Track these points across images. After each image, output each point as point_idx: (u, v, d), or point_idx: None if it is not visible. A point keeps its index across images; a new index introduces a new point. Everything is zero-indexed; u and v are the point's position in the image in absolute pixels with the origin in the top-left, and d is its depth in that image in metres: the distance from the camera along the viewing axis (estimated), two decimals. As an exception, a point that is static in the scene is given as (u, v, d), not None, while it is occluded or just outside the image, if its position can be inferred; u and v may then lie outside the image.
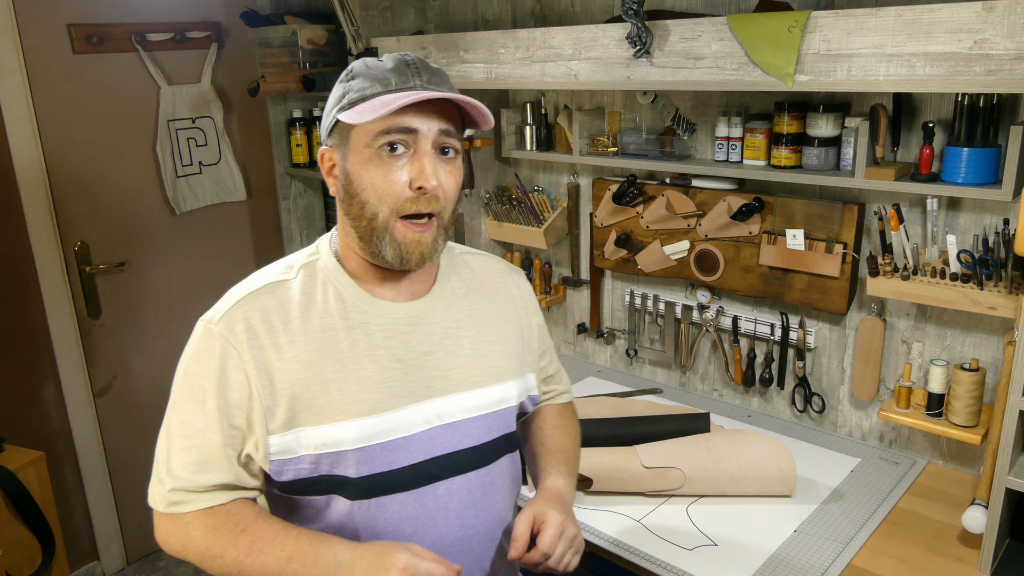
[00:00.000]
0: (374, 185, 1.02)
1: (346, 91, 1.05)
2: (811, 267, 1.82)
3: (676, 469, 1.63)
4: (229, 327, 1.04)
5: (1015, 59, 1.27)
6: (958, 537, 1.52)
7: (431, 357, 1.12)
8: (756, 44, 1.55)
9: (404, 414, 1.08)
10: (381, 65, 1.05)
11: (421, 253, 1.05)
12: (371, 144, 1.02)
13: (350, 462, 1.05)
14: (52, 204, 2.54)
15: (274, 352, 1.04)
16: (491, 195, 2.45)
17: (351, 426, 1.05)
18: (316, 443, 1.05)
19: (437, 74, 1.06)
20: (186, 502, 1.03)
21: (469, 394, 1.14)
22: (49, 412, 2.65)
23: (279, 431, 1.04)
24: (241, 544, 1.00)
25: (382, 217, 1.03)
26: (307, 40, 2.50)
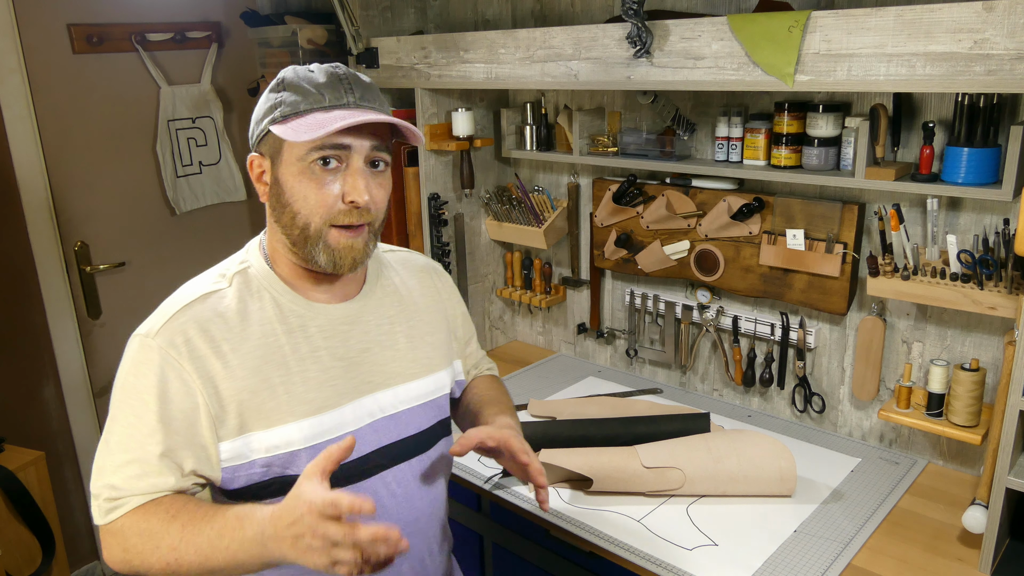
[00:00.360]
0: (306, 197, 1.05)
1: (278, 102, 1.06)
2: (811, 267, 1.82)
3: (676, 469, 1.63)
4: (168, 340, 1.04)
5: (1015, 59, 1.27)
6: (958, 537, 1.52)
7: (369, 354, 1.17)
8: (756, 44, 1.55)
9: (349, 410, 1.13)
10: (312, 78, 1.06)
11: (353, 258, 1.09)
12: (304, 158, 1.04)
13: (302, 460, 1.08)
14: (52, 204, 2.54)
15: (218, 361, 1.05)
16: (491, 195, 2.45)
17: (301, 426, 1.09)
18: (268, 445, 1.07)
19: (369, 89, 1.09)
20: (119, 506, 1.02)
21: (407, 385, 1.21)
22: (49, 412, 2.65)
23: (229, 437, 1.06)
24: (173, 531, 0.99)
25: (315, 227, 1.06)
26: (307, 40, 2.50)
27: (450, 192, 2.38)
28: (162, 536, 0.99)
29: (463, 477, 1.78)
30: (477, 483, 1.76)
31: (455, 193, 2.40)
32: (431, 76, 2.18)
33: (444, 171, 2.36)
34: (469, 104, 2.33)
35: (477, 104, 2.35)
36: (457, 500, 1.89)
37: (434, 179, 2.33)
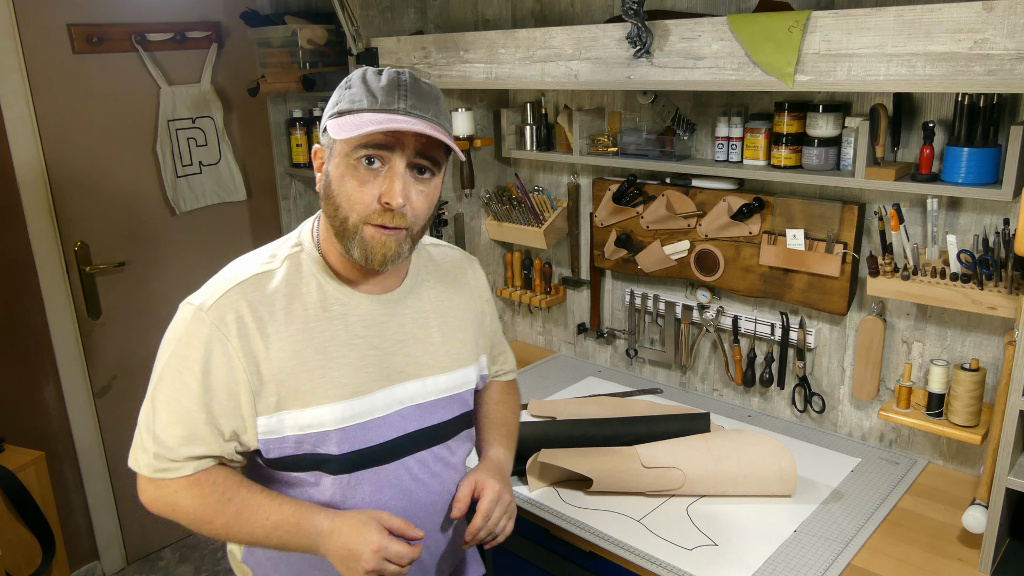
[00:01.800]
0: (348, 193, 1.10)
1: (340, 99, 1.13)
2: (811, 267, 1.82)
3: (676, 469, 1.63)
4: (219, 316, 1.11)
5: (1015, 59, 1.27)
6: (958, 537, 1.52)
7: (403, 345, 1.23)
8: (756, 44, 1.55)
9: (380, 396, 1.20)
10: (376, 80, 1.12)
11: (384, 255, 1.12)
12: (350, 155, 1.09)
13: (332, 441, 1.16)
14: (52, 204, 2.54)
15: (262, 341, 1.12)
16: (491, 195, 2.45)
17: (333, 408, 1.15)
18: (301, 424, 1.14)
19: (424, 98, 1.12)
20: (172, 469, 1.11)
21: (436, 378, 1.27)
22: (49, 412, 2.65)
23: (266, 413, 1.13)
24: (228, 512, 1.10)
25: (352, 221, 1.11)
26: (307, 40, 2.50)
27: (450, 192, 2.38)
28: (216, 515, 1.11)
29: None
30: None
31: (455, 193, 2.40)
32: (431, 76, 2.18)
33: (444, 171, 2.35)
34: (469, 104, 2.33)
35: (477, 104, 2.35)
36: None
37: (434, 179, 2.33)
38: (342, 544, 1.09)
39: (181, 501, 1.11)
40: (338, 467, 1.17)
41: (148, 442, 1.12)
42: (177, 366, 1.11)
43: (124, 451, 3.11)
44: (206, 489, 1.11)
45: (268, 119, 2.90)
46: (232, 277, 1.15)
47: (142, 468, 1.13)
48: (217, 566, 2.97)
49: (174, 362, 1.11)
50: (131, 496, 3.02)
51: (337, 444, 1.16)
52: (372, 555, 1.07)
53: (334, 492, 1.18)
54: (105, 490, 2.83)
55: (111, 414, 2.80)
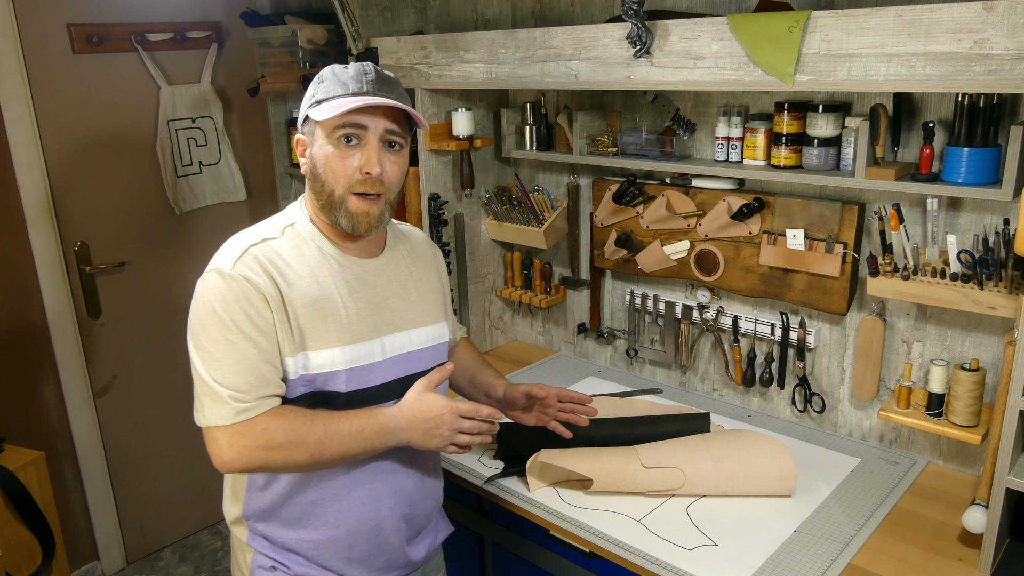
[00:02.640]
0: (332, 168, 1.29)
1: (316, 91, 1.31)
2: (811, 267, 1.82)
3: (676, 469, 1.63)
4: (249, 268, 1.25)
5: (1015, 59, 1.27)
6: (958, 537, 1.52)
7: (389, 301, 1.41)
8: (756, 44, 1.55)
9: (376, 343, 1.36)
10: (345, 72, 1.31)
11: (368, 223, 1.32)
12: (331, 135, 1.28)
13: (341, 379, 1.31)
14: (52, 204, 2.54)
15: (285, 288, 1.27)
16: (491, 195, 2.45)
17: (343, 351, 1.31)
18: (317, 364, 1.29)
19: (387, 83, 1.32)
20: (254, 408, 1.22)
21: (418, 330, 1.44)
22: (49, 412, 2.65)
23: (291, 354, 1.27)
24: (317, 428, 1.24)
25: (338, 193, 1.29)
26: (307, 40, 2.50)
27: (450, 192, 2.38)
28: (307, 433, 1.23)
29: (463, 477, 1.78)
30: (477, 483, 1.76)
31: (455, 193, 2.40)
32: (431, 76, 2.18)
33: (444, 171, 2.36)
34: (469, 104, 2.33)
35: (477, 104, 2.36)
36: (457, 500, 1.89)
37: (434, 179, 2.33)
38: (419, 421, 1.30)
39: (274, 435, 1.21)
40: (343, 404, 1.31)
41: (221, 392, 1.21)
42: (222, 322, 1.21)
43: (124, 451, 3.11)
44: (288, 416, 1.24)
45: (268, 119, 2.90)
46: (243, 241, 1.29)
47: (223, 417, 1.21)
48: (217, 566, 2.97)
49: (216, 320, 1.22)
50: (131, 496, 3.03)
51: (345, 382, 1.31)
52: (449, 416, 1.30)
53: None
54: (105, 490, 2.83)
55: (111, 414, 2.80)
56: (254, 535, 1.42)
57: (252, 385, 1.22)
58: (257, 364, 1.23)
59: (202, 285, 1.25)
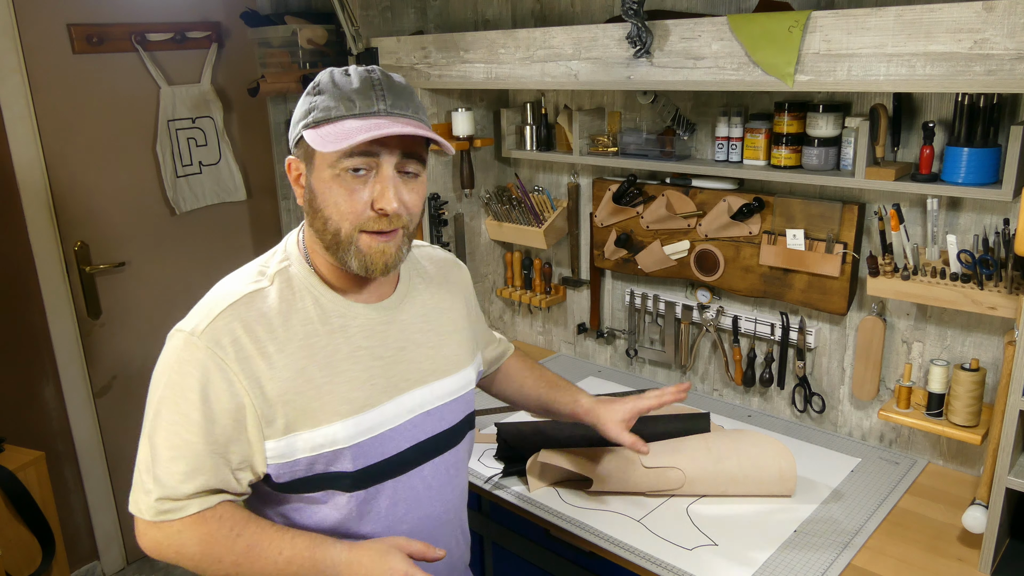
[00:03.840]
0: (337, 204, 1.06)
1: (312, 107, 1.07)
2: (811, 267, 1.82)
3: (676, 469, 1.63)
4: (214, 339, 1.05)
5: (1015, 59, 1.27)
6: (958, 537, 1.52)
7: (405, 352, 1.20)
8: (756, 44, 1.55)
9: (390, 407, 1.16)
10: (347, 82, 1.06)
11: (385, 263, 1.09)
12: (335, 165, 1.04)
13: (347, 458, 1.12)
14: (52, 204, 2.54)
15: (263, 362, 1.07)
16: (491, 195, 2.45)
17: (345, 424, 1.11)
18: (313, 444, 1.10)
19: (401, 95, 1.07)
20: (175, 510, 1.05)
21: (440, 382, 1.24)
22: (49, 412, 2.65)
23: (275, 436, 1.08)
24: (238, 549, 1.05)
25: (345, 232, 1.07)
26: (307, 40, 2.50)
27: (450, 192, 2.38)
28: (225, 552, 1.05)
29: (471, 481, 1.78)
30: (477, 483, 1.76)
31: (455, 193, 2.40)
32: (431, 76, 2.18)
33: (444, 171, 2.36)
34: (469, 104, 2.33)
35: (477, 104, 2.35)
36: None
37: (434, 179, 2.33)
38: (363, 572, 1.04)
39: (186, 542, 1.05)
40: (353, 484, 1.14)
41: (148, 483, 1.05)
42: (174, 398, 1.05)
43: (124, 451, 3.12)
44: (212, 526, 1.05)
45: (268, 119, 2.90)
46: (222, 298, 1.10)
47: (143, 512, 1.06)
48: (217, 566, 2.97)
49: (169, 394, 1.05)
50: (131, 496, 3.02)
51: (352, 460, 1.12)
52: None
53: (350, 510, 1.14)
54: (105, 490, 2.83)
55: (111, 414, 2.80)
56: None
57: (183, 480, 1.04)
58: (199, 457, 1.04)
59: (167, 344, 1.09)
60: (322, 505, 1.14)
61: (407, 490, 1.20)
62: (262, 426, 1.07)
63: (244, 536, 1.05)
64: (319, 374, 1.10)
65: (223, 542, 1.05)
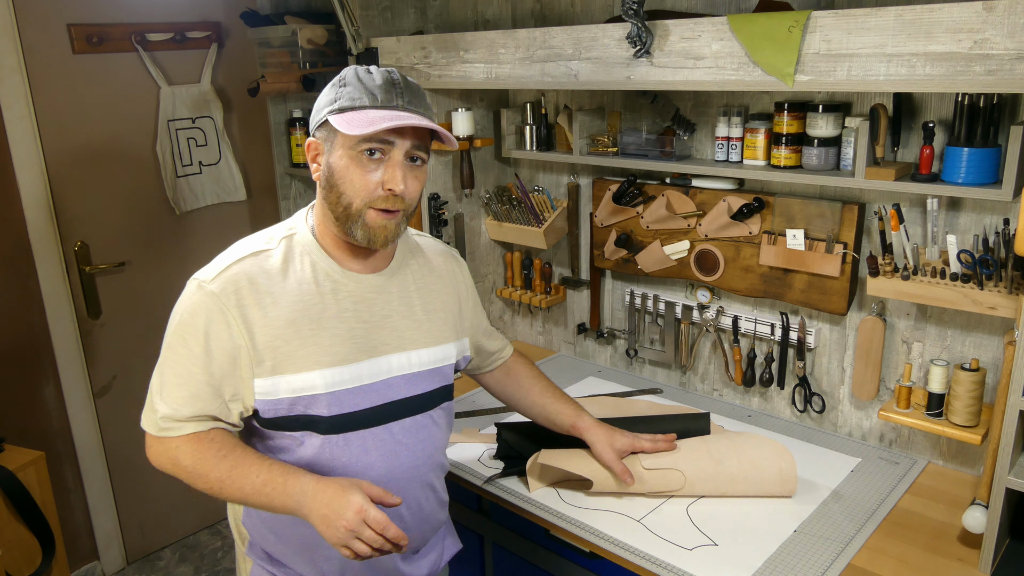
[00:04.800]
0: (352, 181, 1.23)
1: (338, 96, 1.23)
2: (811, 267, 1.82)
3: (676, 470, 1.63)
4: (222, 287, 1.23)
5: (1015, 59, 1.27)
6: (958, 537, 1.52)
7: (389, 320, 1.35)
8: (756, 44, 1.55)
9: (367, 365, 1.31)
10: (371, 79, 1.23)
11: (385, 236, 1.27)
12: (354, 147, 1.21)
13: (323, 403, 1.27)
14: (52, 204, 2.54)
15: (259, 311, 1.24)
16: (491, 195, 2.45)
17: (324, 374, 1.27)
18: (294, 387, 1.25)
19: (416, 94, 1.26)
20: (174, 428, 1.23)
21: (419, 352, 1.38)
22: (49, 412, 2.65)
23: (263, 376, 1.24)
24: (223, 467, 1.20)
25: (356, 207, 1.24)
26: (307, 40, 2.50)
27: (450, 192, 2.38)
28: (212, 469, 1.21)
29: (463, 477, 1.78)
30: (477, 483, 1.76)
31: (455, 193, 2.40)
32: (431, 76, 2.18)
33: (444, 171, 2.36)
34: (469, 104, 2.33)
35: (477, 104, 2.36)
36: (457, 500, 1.89)
37: (434, 179, 2.33)
38: (325, 503, 1.15)
39: (181, 456, 1.22)
40: (327, 428, 1.28)
41: (157, 403, 1.23)
42: (182, 335, 1.22)
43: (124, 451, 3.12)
44: (204, 446, 1.22)
45: (268, 119, 2.90)
46: (233, 255, 1.27)
47: (149, 427, 1.24)
48: (217, 566, 2.97)
49: (179, 332, 1.23)
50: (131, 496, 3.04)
51: (327, 406, 1.27)
52: (353, 515, 1.13)
53: (322, 450, 1.28)
54: (105, 490, 2.83)
55: (111, 414, 2.80)
56: (252, 546, 1.43)
57: (185, 405, 1.22)
58: (198, 386, 1.22)
59: (185, 291, 1.26)
60: (300, 444, 1.29)
61: (377, 441, 1.33)
62: (253, 365, 1.23)
63: (229, 458, 1.21)
64: (307, 326, 1.26)
65: (211, 460, 1.21)
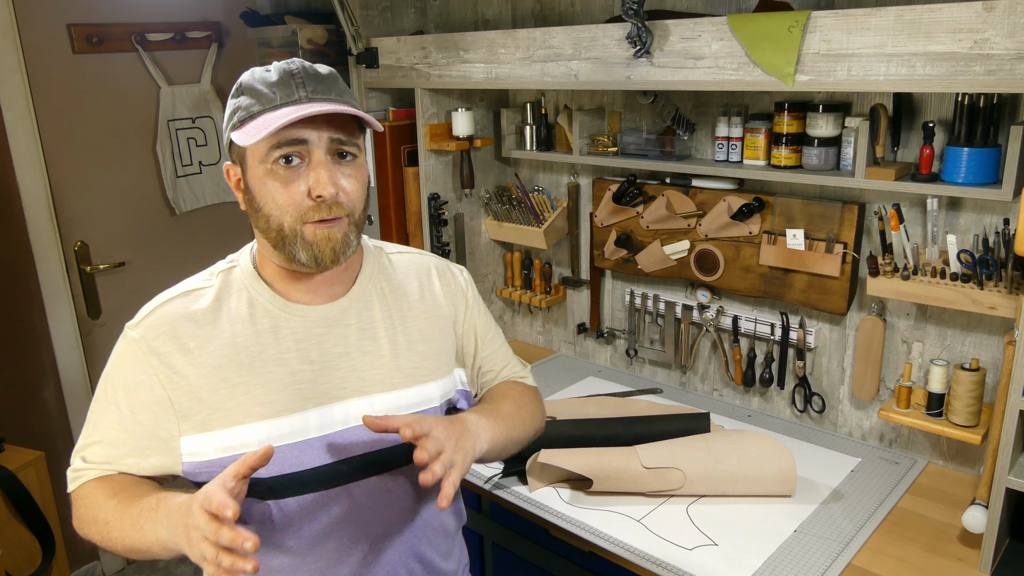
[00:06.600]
0: (274, 198, 1.04)
1: (236, 108, 1.06)
2: (811, 267, 1.82)
3: (676, 469, 1.63)
4: (142, 334, 1.09)
5: (1015, 59, 1.27)
6: (958, 537, 1.53)
7: (346, 359, 1.13)
8: (756, 44, 1.55)
9: (313, 415, 1.10)
10: (266, 78, 1.05)
11: (333, 249, 1.05)
12: (265, 160, 1.03)
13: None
14: (52, 204, 2.54)
15: (183, 357, 1.07)
16: (491, 195, 2.45)
17: (257, 428, 1.07)
18: (224, 445, 1.07)
19: (323, 81, 1.06)
20: (79, 478, 1.09)
21: (387, 395, 1.14)
22: (49, 412, 2.65)
23: (190, 433, 1.08)
24: (109, 507, 1.03)
25: (288, 225, 1.04)
26: (307, 40, 2.50)
27: (450, 192, 2.38)
28: (99, 510, 1.04)
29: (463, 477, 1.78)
30: (477, 483, 1.76)
31: (455, 193, 2.40)
32: (431, 76, 2.18)
33: (444, 171, 2.36)
34: (469, 104, 2.33)
35: (477, 104, 2.36)
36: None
37: (434, 179, 2.33)
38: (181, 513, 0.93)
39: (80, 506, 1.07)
40: (267, 491, 1.08)
41: (76, 463, 1.11)
42: (105, 387, 1.11)
43: (124, 451, 3.03)
44: (101, 484, 1.07)
45: (268, 119, 2.90)
46: (162, 295, 1.13)
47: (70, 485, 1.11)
48: (217, 566, 2.97)
49: (104, 383, 1.11)
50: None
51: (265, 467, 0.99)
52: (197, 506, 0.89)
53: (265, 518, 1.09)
54: (105, 490, 2.83)
55: (111, 414, 2.80)
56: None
57: (102, 456, 1.09)
58: (114, 440, 1.08)
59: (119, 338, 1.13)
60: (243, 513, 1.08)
61: (334, 506, 1.11)
62: (178, 421, 1.07)
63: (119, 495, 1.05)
64: (235, 373, 1.08)
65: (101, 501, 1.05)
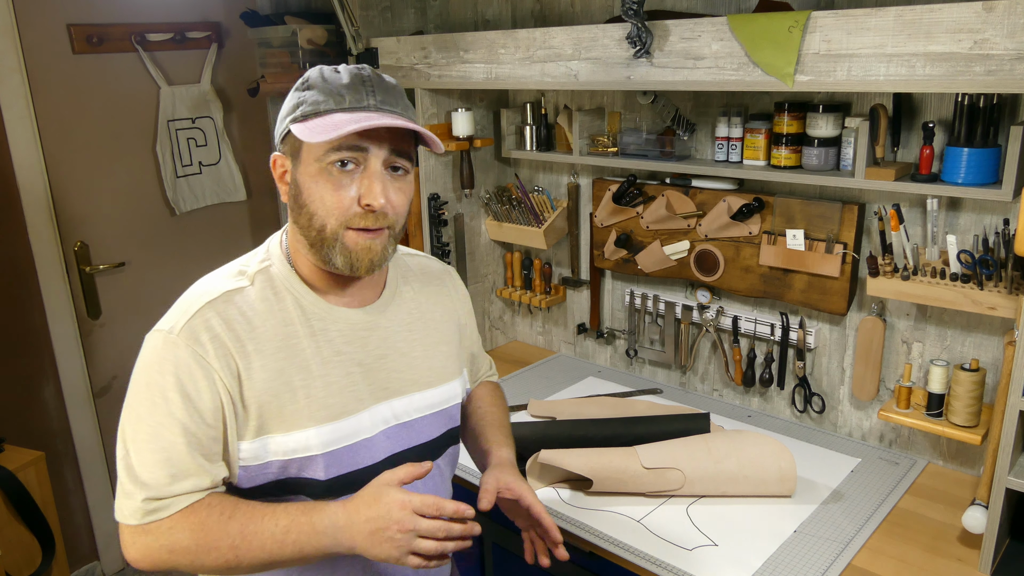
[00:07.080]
0: (323, 199, 1.04)
1: (300, 101, 1.06)
2: (811, 267, 1.82)
3: (676, 470, 1.63)
4: (192, 336, 1.02)
5: (1015, 59, 1.27)
6: (958, 537, 1.52)
7: (386, 360, 1.17)
8: (756, 44, 1.55)
9: (366, 416, 1.13)
10: (337, 79, 1.06)
11: (371, 260, 1.07)
12: (322, 159, 1.03)
13: (319, 465, 1.08)
14: (52, 204, 2.54)
15: (242, 360, 1.04)
16: (491, 195, 2.45)
17: (320, 431, 1.08)
18: (286, 449, 1.06)
19: (391, 92, 1.07)
20: (163, 508, 1.00)
21: (422, 394, 1.20)
22: (49, 412, 2.65)
23: (248, 438, 1.06)
24: (232, 530, 0.99)
25: (331, 228, 1.05)
26: (307, 40, 2.50)
27: (450, 192, 2.38)
28: (220, 535, 0.99)
29: (463, 477, 1.78)
30: (477, 483, 1.75)
31: (455, 193, 2.40)
32: (431, 76, 2.18)
33: (444, 171, 2.36)
34: (469, 104, 2.33)
35: (477, 104, 2.36)
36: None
37: (434, 179, 2.33)
38: (365, 521, 0.97)
39: (179, 537, 1.00)
40: (323, 492, 1.09)
41: (130, 488, 1.01)
42: (152, 398, 1.01)
43: (124, 451, 3.04)
44: (203, 514, 1.00)
45: (268, 119, 2.90)
46: (200, 296, 1.07)
47: (128, 517, 1.01)
48: (217, 566, 2.97)
49: (147, 394, 1.02)
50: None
51: (324, 468, 1.08)
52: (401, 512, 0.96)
53: None
54: (105, 490, 2.83)
55: (111, 414, 2.80)
56: None
57: (171, 479, 1.00)
58: (181, 455, 1.01)
59: (145, 346, 1.05)
60: None
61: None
62: (238, 426, 1.04)
63: (236, 517, 1.00)
64: (296, 377, 1.07)
65: (216, 528, 0.99)
